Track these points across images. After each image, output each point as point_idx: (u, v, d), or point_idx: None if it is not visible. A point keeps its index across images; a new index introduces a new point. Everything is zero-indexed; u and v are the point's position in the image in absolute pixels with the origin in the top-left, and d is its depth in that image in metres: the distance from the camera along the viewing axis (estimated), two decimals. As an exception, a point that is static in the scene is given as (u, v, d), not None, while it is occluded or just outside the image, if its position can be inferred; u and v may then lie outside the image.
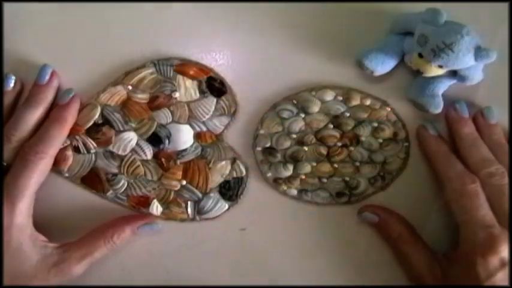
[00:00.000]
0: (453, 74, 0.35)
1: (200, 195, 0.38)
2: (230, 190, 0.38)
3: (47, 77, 0.36)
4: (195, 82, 0.37)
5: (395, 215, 0.37)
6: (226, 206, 0.38)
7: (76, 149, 0.37)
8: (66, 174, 0.37)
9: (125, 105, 0.37)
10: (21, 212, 0.33)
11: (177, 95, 0.37)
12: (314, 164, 0.38)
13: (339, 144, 0.38)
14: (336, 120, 0.38)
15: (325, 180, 0.38)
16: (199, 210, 0.38)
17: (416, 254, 0.35)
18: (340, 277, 0.39)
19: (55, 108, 0.36)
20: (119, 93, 0.37)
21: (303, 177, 0.38)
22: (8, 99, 0.36)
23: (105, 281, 0.39)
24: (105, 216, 0.38)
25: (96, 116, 0.37)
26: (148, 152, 0.37)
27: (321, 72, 0.38)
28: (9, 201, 0.33)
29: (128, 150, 0.37)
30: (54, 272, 0.34)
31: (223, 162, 0.38)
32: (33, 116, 0.35)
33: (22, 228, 0.33)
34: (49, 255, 0.34)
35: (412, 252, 0.36)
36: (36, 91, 0.36)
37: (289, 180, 0.38)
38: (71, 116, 0.36)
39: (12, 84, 0.36)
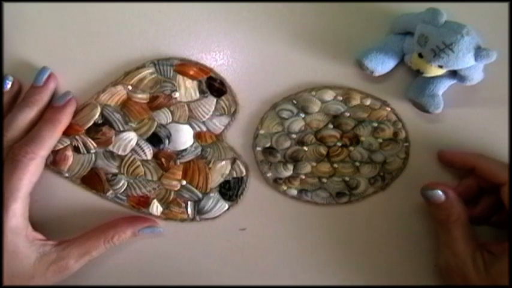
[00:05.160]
0: (453, 74, 0.35)
1: (200, 195, 0.38)
2: (230, 190, 0.38)
3: (44, 79, 0.36)
4: (195, 82, 0.37)
5: (460, 198, 0.36)
6: (226, 206, 0.38)
7: (76, 149, 0.37)
8: (66, 174, 0.37)
9: (125, 105, 0.37)
10: (15, 214, 0.33)
11: (177, 95, 0.37)
12: (314, 164, 0.38)
13: (339, 144, 0.38)
14: (336, 120, 0.38)
15: (325, 180, 0.38)
16: (199, 210, 0.38)
17: (465, 241, 0.35)
18: (339, 277, 0.39)
19: (49, 109, 0.36)
20: (119, 93, 0.37)
21: (303, 177, 0.38)
22: (4, 100, 0.36)
23: (105, 280, 0.39)
24: (105, 216, 0.38)
25: (96, 116, 0.37)
26: (148, 152, 0.37)
27: (321, 72, 0.38)
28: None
29: (128, 150, 0.37)
30: (53, 269, 0.34)
31: (223, 162, 0.38)
32: (26, 116, 0.35)
33: (17, 231, 0.33)
34: (47, 253, 0.34)
35: (462, 237, 0.35)
36: (31, 92, 0.36)
37: (289, 180, 0.38)
38: (65, 118, 0.36)
39: (9, 85, 0.36)
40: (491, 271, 0.33)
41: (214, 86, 0.37)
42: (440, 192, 0.35)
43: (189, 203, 0.38)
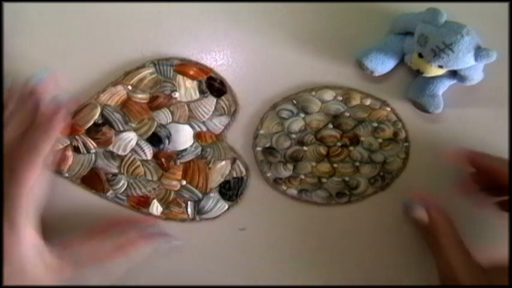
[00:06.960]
0: (453, 74, 0.35)
1: (200, 195, 0.38)
2: (230, 190, 0.38)
3: (44, 79, 0.36)
4: (195, 82, 0.37)
5: (444, 216, 0.36)
6: (226, 206, 0.38)
7: (76, 149, 0.37)
8: (66, 174, 0.37)
9: (125, 105, 0.37)
10: (27, 234, 0.32)
11: (177, 95, 0.37)
12: (314, 164, 0.38)
13: (339, 144, 0.38)
14: (336, 120, 0.38)
15: (325, 180, 0.38)
16: (199, 210, 0.38)
17: (454, 248, 0.34)
18: (339, 277, 0.39)
19: (41, 115, 0.35)
20: (119, 93, 0.37)
21: (303, 177, 0.38)
22: (4, 100, 0.36)
23: (105, 280, 0.38)
24: (105, 216, 0.38)
25: (96, 116, 0.37)
26: (148, 152, 0.38)
27: (321, 72, 0.38)
28: (10, 221, 0.32)
29: (128, 150, 0.37)
30: (53, 268, 0.34)
31: (223, 162, 0.38)
32: (25, 116, 0.35)
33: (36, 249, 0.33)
34: (47, 252, 0.34)
35: (449, 244, 0.35)
36: (31, 92, 0.35)
37: (289, 180, 0.38)
38: (57, 124, 0.35)
39: (9, 85, 0.36)
40: (488, 272, 0.33)
41: (214, 86, 0.37)
42: (422, 214, 0.36)
43: (189, 203, 0.38)
